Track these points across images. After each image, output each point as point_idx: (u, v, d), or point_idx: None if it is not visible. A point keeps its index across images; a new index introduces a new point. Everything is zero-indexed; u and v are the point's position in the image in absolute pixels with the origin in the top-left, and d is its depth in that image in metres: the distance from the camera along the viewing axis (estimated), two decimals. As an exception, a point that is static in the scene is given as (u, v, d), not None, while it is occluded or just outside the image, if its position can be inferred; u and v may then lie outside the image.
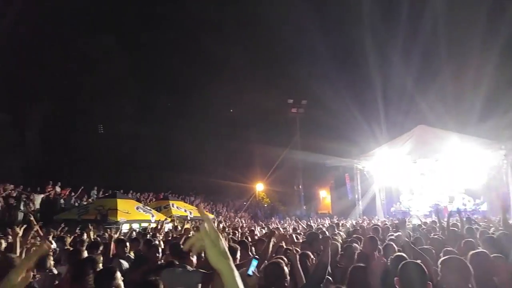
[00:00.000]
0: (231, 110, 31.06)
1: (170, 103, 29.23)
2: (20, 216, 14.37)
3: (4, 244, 6.45)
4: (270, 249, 5.55)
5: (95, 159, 24.02)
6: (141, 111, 27.85)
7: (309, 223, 15.07)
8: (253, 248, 6.40)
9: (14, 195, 15.31)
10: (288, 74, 29.38)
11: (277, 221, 18.94)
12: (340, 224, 11.88)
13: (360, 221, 15.00)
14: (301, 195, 29.56)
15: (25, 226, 4.96)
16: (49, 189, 16.85)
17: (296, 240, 8.00)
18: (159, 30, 28.78)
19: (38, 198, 15.65)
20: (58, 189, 17.39)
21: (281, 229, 10.83)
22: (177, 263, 4.50)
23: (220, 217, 19.98)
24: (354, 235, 7.22)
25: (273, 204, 30.75)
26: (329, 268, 4.23)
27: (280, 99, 29.52)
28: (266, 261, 4.29)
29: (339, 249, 5.97)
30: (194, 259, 4.56)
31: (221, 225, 12.78)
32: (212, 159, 27.87)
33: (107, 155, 24.77)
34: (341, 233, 8.41)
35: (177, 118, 28.70)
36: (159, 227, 10.89)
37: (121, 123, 25.48)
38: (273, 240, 5.21)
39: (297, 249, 6.60)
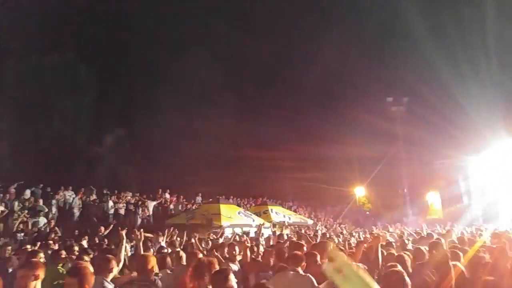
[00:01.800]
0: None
1: (267, 107, 29.58)
2: (139, 220, 16.00)
3: (128, 247, 7.14)
4: (380, 256, 5.24)
5: (198, 167, 25.68)
6: (239, 120, 28.88)
7: (417, 229, 13.83)
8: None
9: (133, 202, 17.14)
10: (387, 70, 27.52)
11: (381, 227, 17.85)
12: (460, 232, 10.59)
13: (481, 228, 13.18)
14: (407, 199, 27.33)
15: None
16: (159, 196, 18.46)
17: (407, 247, 7.34)
18: (251, 34, 29.54)
19: (151, 205, 17.24)
20: (167, 195, 18.94)
21: (383, 234, 10.06)
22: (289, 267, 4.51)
23: (320, 223, 19.54)
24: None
25: (376, 210, 29.03)
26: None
27: (380, 97, 27.77)
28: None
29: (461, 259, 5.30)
30: (304, 263, 4.53)
31: (320, 231, 12.43)
32: (309, 163, 27.51)
33: (208, 162, 26.32)
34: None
35: (273, 123, 28.97)
36: (258, 232, 11.07)
37: (220, 132, 26.88)
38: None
39: (408, 253, 6.01)
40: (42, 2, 22.14)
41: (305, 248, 5.59)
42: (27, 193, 14.12)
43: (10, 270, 5.92)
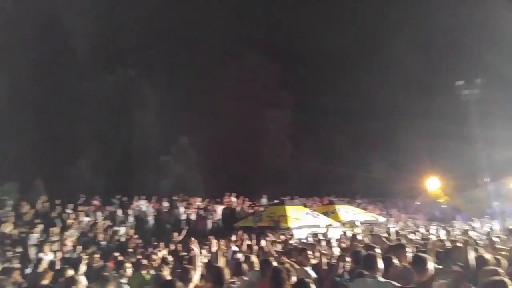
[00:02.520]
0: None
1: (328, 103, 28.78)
2: (209, 225, 16.43)
3: (205, 253, 7.26)
4: (471, 260, 4.78)
5: (261, 169, 25.89)
6: (298, 118, 28.53)
7: (505, 224, 12.57)
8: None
9: (202, 207, 17.67)
10: (457, 51, 25.28)
11: (462, 222, 16.50)
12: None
13: None
14: (489, 189, 24.76)
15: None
16: (226, 200, 18.80)
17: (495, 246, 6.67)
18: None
19: (219, 209, 17.62)
20: (233, 199, 19.22)
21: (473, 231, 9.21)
22: (367, 273, 4.28)
23: (392, 219, 18.55)
24: None
25: (453, 202, 26.75)
26: None
27: (449, 80, 25.57)
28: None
29: None
30: (382, 267, 4.25)
31: (392, 230, 11.69)
32: (377, 155, 26.27)
33: (270, 163, 26.44)
34: None
35: (335, 118, 28.10)
36: (326, 233, 10.78)
37: (280, 131, 26.85)
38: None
39: (500, 257, 5.41)
40: (106, 24, 23.96)
41: (379, 250, 5.31)
42: (113, 205, 15.25)
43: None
